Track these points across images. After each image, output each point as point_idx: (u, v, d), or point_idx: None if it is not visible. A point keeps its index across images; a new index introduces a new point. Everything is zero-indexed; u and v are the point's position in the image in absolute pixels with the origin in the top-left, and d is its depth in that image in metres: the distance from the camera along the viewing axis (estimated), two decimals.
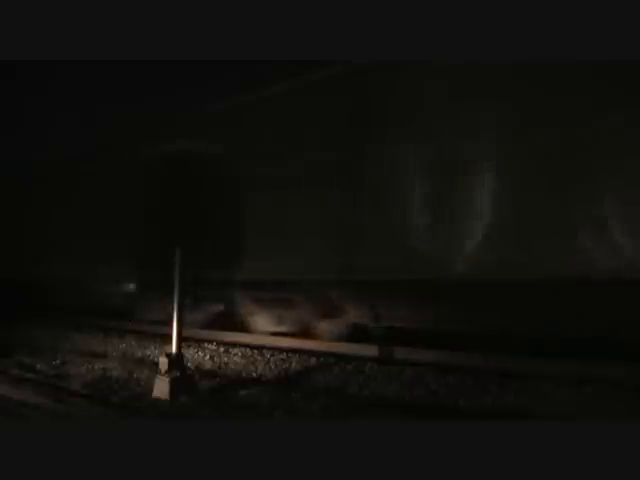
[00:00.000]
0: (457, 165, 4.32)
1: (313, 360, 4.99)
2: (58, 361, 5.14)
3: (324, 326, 5.57)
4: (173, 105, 6.78)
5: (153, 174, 6.62)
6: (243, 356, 5.25)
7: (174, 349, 3.85)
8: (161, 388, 3.72)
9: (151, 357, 5.31)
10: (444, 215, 4.40)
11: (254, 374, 4.55)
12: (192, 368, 4.55)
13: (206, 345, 5.82)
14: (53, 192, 8.63)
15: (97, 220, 7.54)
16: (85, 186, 7.97)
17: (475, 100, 4.28)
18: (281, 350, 5.40)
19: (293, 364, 4.89)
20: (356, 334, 5.39)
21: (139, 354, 5.55)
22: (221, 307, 6.49)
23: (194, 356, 5.27)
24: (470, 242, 4.25)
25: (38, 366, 4.94)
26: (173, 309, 3.88)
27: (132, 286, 7.45)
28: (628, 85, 3.68)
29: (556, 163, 3.91)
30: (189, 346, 5.60)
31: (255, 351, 5.43)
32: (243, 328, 6.19)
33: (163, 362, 3.77)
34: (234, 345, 5.76)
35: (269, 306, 5.93)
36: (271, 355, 5.23)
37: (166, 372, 3.74)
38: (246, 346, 5.65)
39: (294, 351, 5.33)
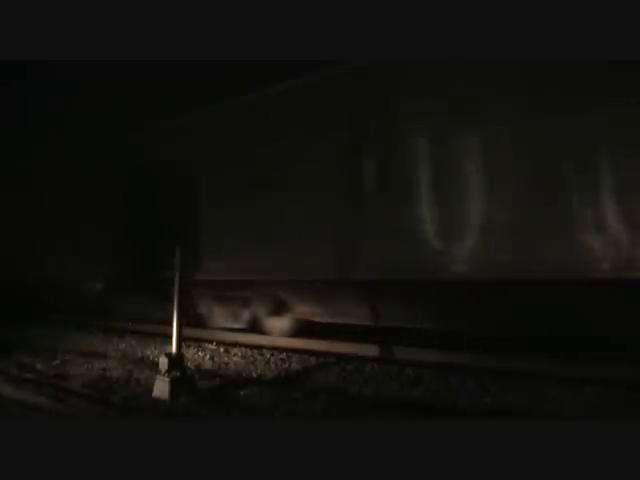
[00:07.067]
0: None
1: (313, 360, 4.99)
2: (58, 361, 5.15)
3: None
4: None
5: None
6: (243, 356, 5.25)
7: (174, 349, 3.85)
8: (161, 388, 3.72)
9: (151, 357, 5.31)
10: None
11: (254, 374, 4.55)
12: (192, 368, 4.55)
13: (206, 345, 5.81)
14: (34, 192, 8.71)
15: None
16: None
17: None
18: (281, 350, 5.40)
19: (293, 364, 4.89)
20: None
21: (139, 354, 5.55)
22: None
23: (194, 356, 5.27)
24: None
25: (38, 366, 4.94)
26: (173, 309, 3.89)
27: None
28: None
29: None
30: (189, 346, 5.60)
31: (255, 351, 5.42)
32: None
33: (163, 362, 3.77)
34: (234, 345, 5.76)
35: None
36: (271, 355, 5.23)
37: (166, 372, 3.74)
38: (246, 346, 5.65)
39: (294, 351, 5.33)
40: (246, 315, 6.10)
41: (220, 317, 6.34)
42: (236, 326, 6.17)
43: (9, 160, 8.81)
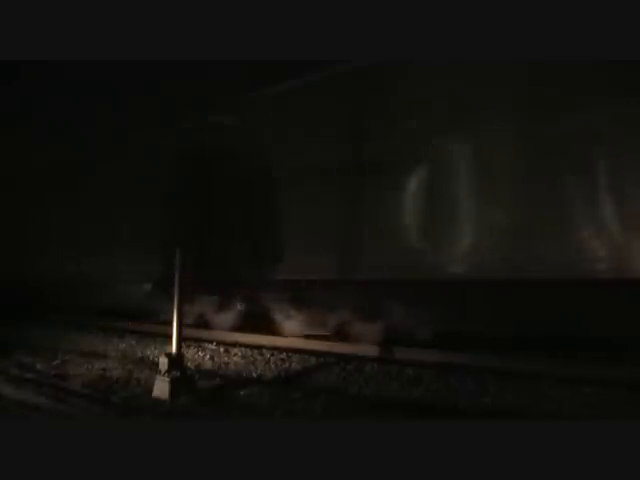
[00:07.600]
0: None
1: (313, 360, 4.99)
2: (58, 361, 5.14)
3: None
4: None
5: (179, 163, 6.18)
6: (243, 356, 5.25)
7: (174, 349, 3.85)
8: (161, 388, 3.72)
9: (151, 357, 5.31)
10: None
11: (254, 374, 4.55)
12: (192, 368, 4.56)
13: (206, 345, 5.81)
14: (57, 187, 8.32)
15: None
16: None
17: None
18: (281, 350, 5.40)
19: (293, 364, 4.89)
20: None
21: (139, 354, 5.55)
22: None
23: (194, 356, 5.27)
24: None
25: (38, 366, 4.94)
26: (173, 309, 3.89)
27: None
28: None
29: None
30: (189, 346, 5.60)
31: (255, 351, 5.42)
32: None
33: (163, 362, 3.77)
34: (234, 345, 5.76)
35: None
36: (271, 355, 5.23)
37: (166, 372, 3.74)
38: (246, 346, 5.65)
39: (294, 351, 5.33)
40: (333, 321, 5.49)
41: (300, 323, 5.71)
42: (318, 333, 5.56)
43: (40, 155, 8.23)
